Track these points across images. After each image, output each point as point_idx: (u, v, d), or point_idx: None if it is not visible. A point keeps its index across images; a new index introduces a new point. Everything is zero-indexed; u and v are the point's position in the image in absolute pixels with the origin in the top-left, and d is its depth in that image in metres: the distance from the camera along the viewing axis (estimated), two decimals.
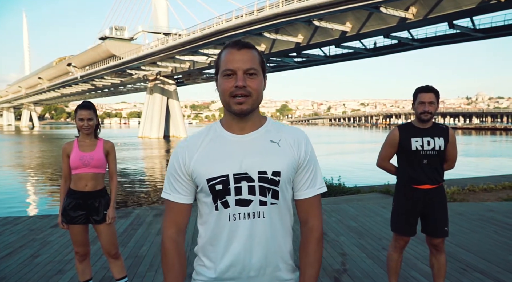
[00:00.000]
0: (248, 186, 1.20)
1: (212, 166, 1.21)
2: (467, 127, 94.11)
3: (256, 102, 1.21)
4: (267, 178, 1.20)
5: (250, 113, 1.22)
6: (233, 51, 1.19)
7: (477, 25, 28.10)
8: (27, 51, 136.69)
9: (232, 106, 1.19)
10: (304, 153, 1.26)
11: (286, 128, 1.30)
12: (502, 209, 6.25)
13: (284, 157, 1.23)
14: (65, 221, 2.87)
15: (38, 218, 5.97)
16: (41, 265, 3.87)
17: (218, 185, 1.20)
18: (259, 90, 1.20)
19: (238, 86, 1.17)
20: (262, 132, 1.26)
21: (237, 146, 1.23)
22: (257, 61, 1.21)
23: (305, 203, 1.28)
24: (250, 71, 1.18)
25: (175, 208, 1.28)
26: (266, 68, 1.27)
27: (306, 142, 1.28)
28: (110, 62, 54.04)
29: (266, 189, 1.20)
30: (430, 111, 2.70)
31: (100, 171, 2.87)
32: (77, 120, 2.85)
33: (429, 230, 2.83)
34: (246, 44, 1.21)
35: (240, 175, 1.20)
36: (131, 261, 3.94)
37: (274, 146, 1.24)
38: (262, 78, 1.23)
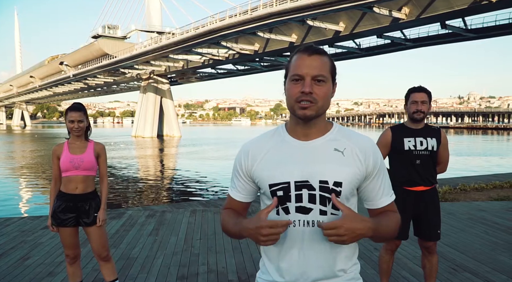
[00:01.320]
0: (308, 194, 1.19)
1: (274, 172, 1.22)
2: (459, 127, 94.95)
3: (321, 109, 1.20)
4: (328, 187, 1.18)
5: (315, 119, 1.21)
6: (303, 57, 1.18)
7: (469, 25, 28.35)
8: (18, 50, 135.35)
9: (296, 111, 1.19)
10: (373, 163, 1.22)
11: (353, 136, 1.26)
12: (491, 208, 6.32)
13: (347, 167, 1.20)
14: (54, 224, 2.85)
15: (29, 219, 5.92)
16: (31, 267, 3.84)
17: (279, 191, 1.21)
18: (325, 98, 1.19)
19: (304, 92, 1.16)
20: (326, 140, 1.24)
21: (300, 152, 1.22)
22: (327, 68, 1.19)
23: (380, 211, 1.27)
24: (318, 78, 1.17)
25: (233, 203, 1.35)
26: (336, 75, 1.24)
27: (374, 151, 1.24)
28: (103, 61, 53.65)
29: (327, 199, 1.19)
30: (422, 111, 2.72)
31: (90, 173, 2.86)
32: (67, 122, 2.83)
33: (422, 233, 2.85)
34: (317, 50, 1.20)
35: (301, 183, 1.19)
36: (122, 263, 3.92)
37: (338, 154, 1.21)
38: (331, 85, 1.21)
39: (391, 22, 27.29)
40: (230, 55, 41.30)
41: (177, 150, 34.08)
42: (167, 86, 58.33)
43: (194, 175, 17.20)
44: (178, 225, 5.43)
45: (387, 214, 1.26)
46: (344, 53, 38.73)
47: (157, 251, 4.32)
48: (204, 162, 22.51)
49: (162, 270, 3.76)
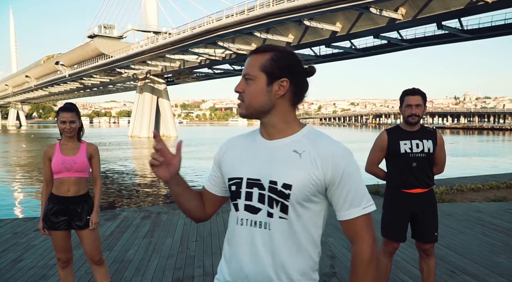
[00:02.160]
0: (259, 193, 1.17)
1: (233, 166, 1.23)
2: (455, 127, 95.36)
3: (250, 107, 1.18)
4: (276, 189, 1.14)
5: (252, 118, 1.21)
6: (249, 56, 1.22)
7: (465, 26, 28.41)
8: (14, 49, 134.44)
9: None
10: (333, 170, 1.12)
11: (321, 140, 1.17)
12: (489, 209, 6.30)
13: (301, 170, 1.13)
14: (46, 227, 2.78)
15: (22, 220, 5.84)
16: (24, 270, 3.76)
17: (233, 186, 1.22)
18: (252, 96, 1.17)
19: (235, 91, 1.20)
20: (289, 141, 1.19)
21: (261, 151, 1.21)
22: (256, 66, 1.16)
23: (349, 224, 1.16)
24: (245, 77, 1.18)
25: (204, 192, 1.35)
26: (283, 70, 1.16)
27: (337, 159, 1.13)
28: (99, 60, 53.40)
29: (274, 201, 1.14)
30: (417, 114, 2.69)
31: (83, 175, 2.79)
32: (59, 123, 2.77)
33: (419, 235, 2.81)
34: (259, 48, 1.20)
35: (253, 181, 1.18)
36: (116, 266, 3.85)
37: (295, 156, 1.15)
38: (262, 83, 1.16)
39: (387, 22, 27.30)
40: (227, 55, 41.20)
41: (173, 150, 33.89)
42: (164, 86, 58.16)
43: (191, 175, 17.13)
44: (174, 226, 5.36)
45: (352, 267, 1.16)
46: (341, 54, 38.73)
47: (152, 253, 4.26)
48: (201, 162, 22.44)
49: (157, 273, 3.70)
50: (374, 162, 2.89)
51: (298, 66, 1.19)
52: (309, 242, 1.17)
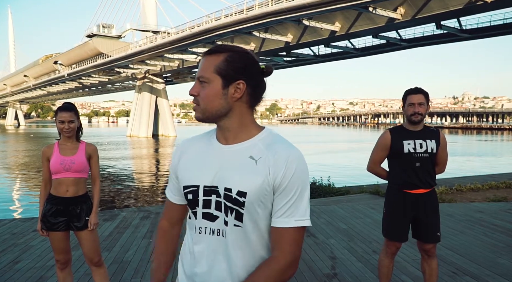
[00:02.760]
0: (216, 200, 1.13)
1: (189, 173, 1.18)
2: (454, 127, 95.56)
3: (206, 111, 1.12)
4: (231, 196, 1.10)
5: (207, 121, 1.16)
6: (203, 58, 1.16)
7: (464, 25, 28.45)
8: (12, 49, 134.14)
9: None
10: (282, 177, 1.07)
11: (276, 145, 1.12)
12: (489, 209, 6.28)
13: (256, 176, 1.08)
14: (44, 228, 2.74)
15: (20, 221, 5.80)
16: (21, 271, 3.72)
17: (189, 195, 1.17)
18: (207, 100, 1.11)
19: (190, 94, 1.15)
20: (245, 146, 1.14)
21: (217, 156, 1.16)
22: (211, 68, 1.10)
23: (276, 232, 1.10)
24: (200, 79, 1.13)
25: (168, 204, 1.31)
26: (241, 71, 1.11)
27: (289, 165, 1.08)
28: (98, 60, 53.32)
29: (229, 208, 1.11)
30: (420, 113, 2.68)
31: (82, 175, 2.76)
32: (58, 123, 2.73)
33: (421, 235, 2.79)
34: (212, 49, 1.13)
35: (210, 188, 1.14)
36: (115, 267, 3.82)
37: (251, 163, 1.11)
38: (218, 85, 1.10)
39: (386, 22, 27.31)
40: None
41: (172, 149, 33.93)
42: (163, 85, 58.10)
43: None
44: None
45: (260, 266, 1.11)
46: (339, 53, 38.75)
47: (152, 254, 4.21)
48: None
49: None
50: (376, 161, 2.87)
51: (254, 67, 1.13)
52: (265, 248, 1.14)
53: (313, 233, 4.91)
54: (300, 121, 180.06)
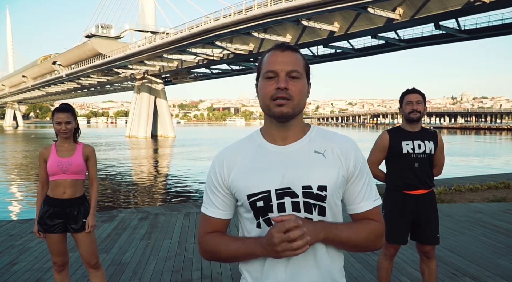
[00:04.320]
0: (291, 202, 1.10)
1: (252, 181, 1.12)
2: (453, 127, 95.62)
3: (297, 107, 1.12)
4: (312, 193, 1.09)
5: (292, 119, 1.13)
6: (276, 53, 1.13)
7: (462, 26, 28.47)
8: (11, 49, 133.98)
9: (272, 109, 1.10)
10: (354, 163, 1.14)
11: (332, 136, 1.19)
12: (489, 210, 6.27)
13: (330, 169, 1.12)
14: (41, 230, 2.72)
15: (18, 222, 5.77)
16: (18, 274, 3.70)
17: (259, 202, 1.11)
18: (301, 95, 1.12)
19: (280, 88, 1.08)
20: (305, 142, 1.16)
21: (279, 157, 1.13)
22: (301, 64, 1.13)
23: (361, 217, 1.16)
24: (292, 74, 1.10)
25: (214, 224, 1.19)
26: (310, 74, 1.18)
27: (355, 151, 1.16)
28: (97, 60, 53.20)
29: (312, 205, 1.10)
30: (418, 110, 2.68)
31: (79, 177, 2.74)
32: (55, 124, 2.71)
33: (420, 237, 2.78)
34: (290, 46, 1.14)
35: (283, 190, 1.10)
36: (113, 269, 3.79)
37: (319, 157, 1.13)
38: (306, 82, 1.15)
39: (385, 22, 27.31)
40: (224, 55, 41.14)
41: (171, 150, 33.88)
42: (161, 86, 58.02)
43: (189, 176, 17.06)
44: (172, 228, 5.31)
45: (363, 221, 1.15)
46: (338, 54, 38.74)
47: (150, 255, 4.20)
48: (199, 162, 22.37)
49: (155, 276, 3.64)
50: (374, 162, 2.85)
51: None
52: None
53: None
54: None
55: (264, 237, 1.05)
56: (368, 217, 1.15)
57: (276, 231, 0.99)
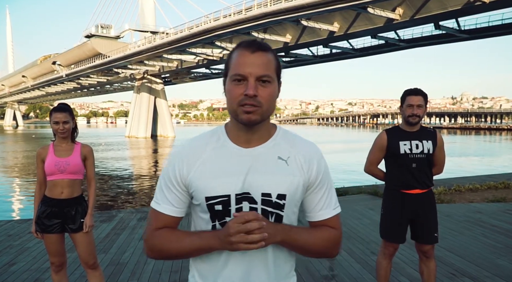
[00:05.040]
0: (249, 207, 1.07)
1: (212, 183, 1.07)
2: (452, 127, 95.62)
3: (266, 113, 1.06)
4: (271, 201, 1.07)
5: (259, 124, 1.07)
6: (245, 54, 1.04)
7: (462, 26, 28.48)
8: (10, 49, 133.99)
9: (240, 116, 1.04)
10: (316, 171, 1.12)
11: (297, 141, 1.15)
12: (488, 210, 6.26)
13: (292, 177, 1.09)
14: (39, 230, 2.71)
15: (16, 222, 5.76)
16: (17, 274, 3.69)
17: (217, 205, 1.07)
18: (271, 100, 1.06)
19: (248, 95, 1.02)
20: (270, 147, 1.12)
21: (242, 160, 1.09)
22: (272, 67, 1.06)
23: (320, 224, 1.16)
24: (263, 78, 1.03)
25: (163, 220, 1.13)
26: (281, 73, 1.11)
27: (318, 159, 1.14)
28: (96, 60, 53.22)
29: (269, 213, 1.08)
30: (418, 115, 2.66)
31: (77, 177, 2.72)
32: (52, 124, 2.70)
33: (419, 236, 2.77)
34: (262, 46, 1.06)
35: (242, 195, 1.07)
36: (112, 269, 3.78)
37: (282, 164, 1.10)
38: (277, 85, 1.09)
39: (385, 22, 27.32)
40: (224, 55, 41.13)
41: (171, 150, 33.77)
42: (161, 86, 58.03)
43: None
44: None
45: (319, 227, 1.14)
46: (338, 54, 38.76)
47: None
48: None
49: (153, 276, 3.63)
50: (373, 162, 2.85)
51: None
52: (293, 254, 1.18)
53: None
54: (299, 122, 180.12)
55: (221, 229, 1.03)
56: (327, 224, 1.14)
57: (234, 221, 0.98)
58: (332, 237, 1.14)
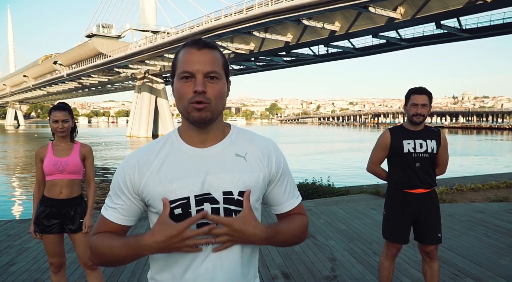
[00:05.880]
0: (211, 208, 1.04)
1: (169, 187, 1.03)
2: (454, 127, 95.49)
3: (216, 110, 1.05)
4: (233, 199, 1.05)
5: (211, 122, 1.05)
6: (192, 51, 1.03)
7: (463, 25, 28.40)
8: (12, 49, 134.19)
9: (190, 113, 1.02)
10: (276, 165, 1.13)
11: (253, 137, 1.15)
12: (491, 210, 6.22)
13: (251, 173, 1.08)
14: (38, 230, 2.69)
15: (16, 222, 5.74)
16: (16, 274, 3.67)
17: (177, 209, 1.03)
18: (220, 97, 1.04)
19: (197, 92, 1.00)
20: (226, 145, 1.10)
21: (199, 161, 1.06)
22: (219, 64, 1.06)
23: (287, 215, 1.18)
24: (211, 75, 1.03)
25: (109, 227, 1.09)
26: (229, 71, 1.12)
27: (276, 153, 1.14)
28: (97, 60, 53.27)
29: (232, 211, 1.05)
30: (422, 114, 2.63)
31: (76, 177, 2.70)
32: (51, 123, 2.67)
33: (422, 236, 2.74)
34: (208, 44, 1.05)
35: (202, 196, 1.04)
36: (112, 269, 3.75)
37: (240, 160, 1.08)
38: (225, 82, 1.08)
39: (386, 22, 27.26)
40: (225, 54, 41.10)
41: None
42: (162, 85, 58.05)
43: None
44: None
45: (291, 217, 1.17)
46: (339, 53, 38.70)
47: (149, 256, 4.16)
48: None
49: None
50: (376, 161, 2.82)
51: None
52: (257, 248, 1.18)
53: (313, 234, 4.85)
54: (300, 121, 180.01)
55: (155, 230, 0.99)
56: (295, 213, 1.18)
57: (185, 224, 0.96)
58: (305, 223, 1.18)
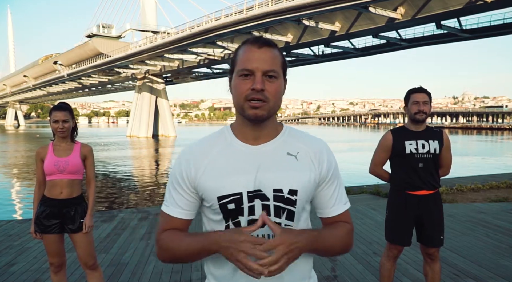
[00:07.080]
0: (262, 205, 1.06)
1: (223, 182, 1.06)
2: (454, 127, 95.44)
3: (273, 109, 1.06)
4: (282, 197, 1.06)
5: (266, 120, 1.07)
6: (252, 49, 1.05)
7: (464, 25, 28.39)
8: (12, 49, 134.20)
9: (246, 111, 1.04)
10: (327, 166, 1.12)
11: (305, 137, 1.15)
12: (491, 210, 6.22)
13: (302, 172, 1.08)
14: (38, 230, 2.69)
15: (17, 222, 5.74)
16: (16, 274, 3.67)
17: (230, 204, 1.06)
18: (277, 96, 1.06)
19: (255, 89, 1.02)
20: (278, 143, 1.11)
21: (251, 158, 1.08)
22: (278, 63, 1.06)
23: (332, 220, 1.16)
24: (270, 73, 1.04)
25: (174, 223, 1.12)
26: (286, 70, 1.12)
27: (328, 154, 1.14)
28: (98, 60, 53.24)
29: (281, 209, 1.07)
30: (424, 111, 2.62)
31: (76, 177, 2.70)
32: (52, 123, 2.67)
33: (424, 239, 2.72)
34: (268, 42, 1.06)
35: (254, 193, 1.06)
36: (112, 270, 3.76)
37: (291, 159, 1.09)
38: (283, 81, 1.09)
39: (386, 22, 27.26)
40: (225, 55, 41.12)
41: (172, 149, 33.85)
42: (162, 86, 58.04)
43: None
44: None
45: (335, 225, 1.14)
46: (339, 53, 38.69)
47: (149, 256, 4.16)
48: None
49: (154, 276, 3.60)
50: (378, 163, 2.80)
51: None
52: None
53: None
54: (300, 122, 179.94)
55: (227, 232, 1.00)
56: (340, 220, 1.15)
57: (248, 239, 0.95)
58: (350, 232, 1.15)
